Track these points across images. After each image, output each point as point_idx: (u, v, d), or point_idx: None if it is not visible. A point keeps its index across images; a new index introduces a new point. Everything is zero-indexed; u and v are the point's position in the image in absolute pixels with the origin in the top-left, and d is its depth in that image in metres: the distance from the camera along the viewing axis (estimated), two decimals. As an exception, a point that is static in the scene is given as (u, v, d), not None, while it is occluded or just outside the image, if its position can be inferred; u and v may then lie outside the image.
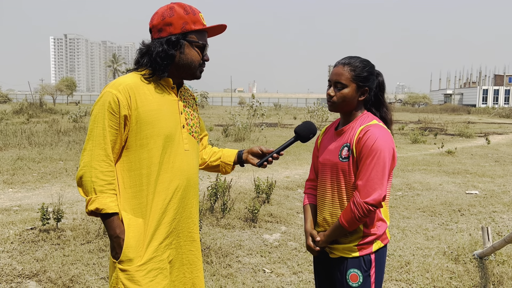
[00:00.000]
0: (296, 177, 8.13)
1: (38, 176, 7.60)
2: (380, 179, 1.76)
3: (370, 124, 1.84)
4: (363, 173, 1.78)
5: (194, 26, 1.73)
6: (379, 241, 1.88)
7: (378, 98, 1.97)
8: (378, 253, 1.87)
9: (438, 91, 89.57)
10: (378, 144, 1.77)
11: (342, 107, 1.91)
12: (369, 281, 1.85)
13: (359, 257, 1.85)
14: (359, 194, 1.78)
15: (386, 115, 1.97)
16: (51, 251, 4.04)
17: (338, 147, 1.90)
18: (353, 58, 1.91)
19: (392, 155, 1.82)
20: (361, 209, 1.76)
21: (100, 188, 1.64)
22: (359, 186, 1.78)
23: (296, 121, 26.22)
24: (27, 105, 26.42)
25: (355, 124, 1.89)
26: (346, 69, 1.87)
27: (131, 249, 1.66)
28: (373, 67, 1.93)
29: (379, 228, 1.88)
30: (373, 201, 1.75)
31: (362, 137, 1.80)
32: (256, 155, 2.03)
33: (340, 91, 1.88)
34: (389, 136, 1.83)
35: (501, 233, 4.89)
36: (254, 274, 3.70)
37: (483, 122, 29.02)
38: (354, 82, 1.87)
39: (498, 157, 11.29)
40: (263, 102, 23.11)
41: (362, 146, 1.79)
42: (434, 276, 3.67)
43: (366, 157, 1.78)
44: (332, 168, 1.90)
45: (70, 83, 58.85)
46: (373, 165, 1.76)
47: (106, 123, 1.65)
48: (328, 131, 2.07)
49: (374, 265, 1.86)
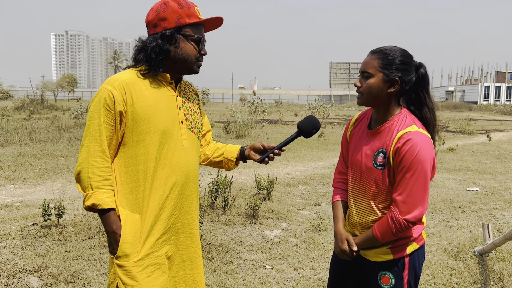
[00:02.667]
0: (297, 174, 8.13)
1: (39, 172, 7.61)
2: (421, 194, 1.63)
3: (410, 131, 1.65)
4: (403, 188, 1.63)
5: (189, 19, 1.72)
6: (415, 243, 1.77)
7: (418, 95, 1.75)
8: (412, 256, 1.77)
9: (439, 88, 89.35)
10: (420, 157, 1.61)
11: (369, 100, 1.74)
12: (402, 284, 1.76)
13: (393, 260, 1.76)
14: (398, 210, 1.65)
15: (427, 116, 1.74)
16: (52, 247, 4.06)
17: (373, 151, 1.75)
18: (387, 46, 1.74)
19: (433, 165, 1.67)
20: (399, 226, 1.65)
21: (96, 184, 1.65)
22: (398, 202, 1.65)
23: (297, 118, 26.18)
24: (29, 102, 26.44)
25: (391, 126, 1.72)
26: (374, 57, 1.72)
27: (127, 244, 1.66)
28: (408, 55, 1.73)
29: (415, 230, 1.76)
30: (413, 218, 1.64)
31: (402, 147, 1.63)
32: (258, 151, 2.00)
33: (367, 80, 1.72)
34: (431, 146, 1.67)
35: (501, 230, 4.89)
36: (255, 270, 3.71)
37: (485, 119, 28.96)
38: (381, 71, 1.69)
39: (499, 154, 11.27)
40: (264, 98, 23.06)
41: (402, 158, 1.63)
42: (435, 273, 3.67)
43: (407, 171, 1.62)
44: (367, 173, 1.77)
45: (71, 79, 58.82)
46: (414, 180, 1.62)
47: (102, 119, 1.66)
48: (360, 124, 1.90)
49: (407, 267, 1.76)
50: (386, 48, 1.72)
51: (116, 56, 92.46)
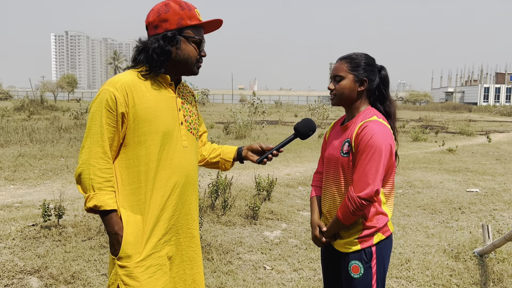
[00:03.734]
0: (297, 175, 8.13)
1: (39, 173, 7.61)
2: (373, 174, 1.79)
3: (369, 120, 1.87)
4: (358, 168, 1.83)
5: (190, 21, 1.74)
6: (380, 234, 1.91)
7: (381, 92, 2.00)
8: (379, 245, 1.91)
9: (439, 89, 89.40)
10: (374, 139, 1.80)
11: (343, 99, 1.96)
12: (371, 272, 1.90)
13: (361, 250, 1.90)
14: (353, 189, 1.83)
15: (389, 108, 2.00)
16: (52, 248, 4.06)
17: (341, 142, 1.96)
18: (352, 52, 1.99)
19: (390, 151, 1.85)
20: (354, 203, 1.81)
21: (98, 185, 1.65)
22: (354, 181, 1.84)
23: (297, 118, 26.20)
24: (28, 102, 26.42)
25: (357, 120, 1.93)
26: (343, 62, 1.96)
27: (129, 245, 1.66)
28: (371, 59, 1.98)
29: (379, 221, 1.91)
30: (365, 195, 1.79)
31: (360, 133, 1.84)
32: (256, 152, 2.04)
33: (339, 83, 1.94)
34: (388, 132, 1.86)
35: (501, 231, 4.90)
36: (255, 271, 3.71)
37: (484, 120, 28.98)
38: (351, 72, 1.92)
39: (499, 155, 11.28)
40: (264, 99, 23.10)
41: (359, 142, 1.83)
42: (434, 274, 3.68)
43: (362, 152, 1.82)
44: (336, 162, 1.96)
45: (71, 80, 58.83)
46: (367, 160, 1.80)
47: (103, 120, 1.66)
48: (335, 126, 2.12)
49: (375, 257, 1.90)
50: (352, 54, 1.97)
51: (116, 56, 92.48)
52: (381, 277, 1.93)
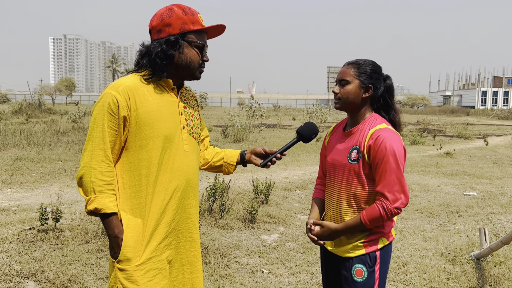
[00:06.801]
0: (295, 178, 8.14)
1: (37, 176, 7.60)
2: (402, 181, 1.81)
3: (380, 128, 1.86)
4: (385, 179, 1.81)
5: (193, 26, 1.75)
6: (384, 239, 1.92)
7: (386, 101, 2.00)
8: (383, 250, 1.92)
9: (437, 93, 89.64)
10: (394, 148, 1.80)
11: (347, 104, 1.94)
12: (374, 277, 1.90)
13: (365, 254, 1.90)
14: (388, 200, 1.80)
15: (394, 118, 2.00)
16: (49, 251, 4.05)
17: (347, 149, 1.93)
18: (359, 59, 1.99)
19: (404, 155, 1.87)
20: (390, 214, 1.81)
21: (99, 188, 1.65)
22: (386, 193, 1.81)
23: (295, 122, 26.23)
24: (26, 105, 26.40)
25: (364, 127, 1.92)
26: (351, 67, 1.95)
27: (129, 249, 1.67)
28: (378, 66, 1.98)
29: (386, 226, 1.92)
30: (402, 205, 1.81)
31: (374, 143, 1.83)
32: (259, 155, 2.06)
33: (344, 87, 1.93)
34: (400, 139, 1.88)
35: (498, 235, 4.91)
36: (252, 274, 3.71)
37: (482, 124, 29.07)
38: (358, 78, 1.92)
39: (496, 159, 11.32)
40: (262, 103, 23.14)
41: (377, 152, 1.82)
42: (432, 277, 3.68)
43: (385, 163, 1.80)
44: (342, 169, 1.94)
45: (69, 83, 58.83)
46: (394, 170, 1.80)
47: (105, 124, 1.67)
48: (336, 131, 2.10)
49: (379, 262, 1.91)
50: (360, 60, 1.97)
51: (114, 60, 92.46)
52: (383, 281, 1.94)
